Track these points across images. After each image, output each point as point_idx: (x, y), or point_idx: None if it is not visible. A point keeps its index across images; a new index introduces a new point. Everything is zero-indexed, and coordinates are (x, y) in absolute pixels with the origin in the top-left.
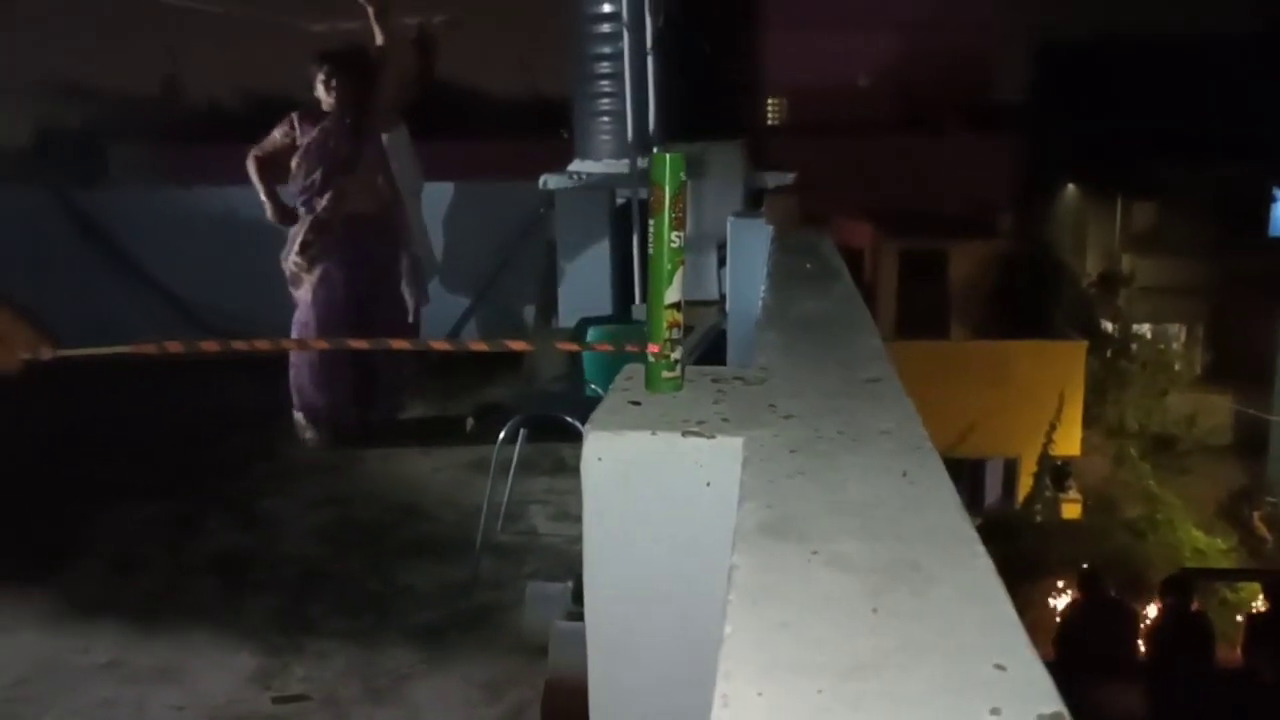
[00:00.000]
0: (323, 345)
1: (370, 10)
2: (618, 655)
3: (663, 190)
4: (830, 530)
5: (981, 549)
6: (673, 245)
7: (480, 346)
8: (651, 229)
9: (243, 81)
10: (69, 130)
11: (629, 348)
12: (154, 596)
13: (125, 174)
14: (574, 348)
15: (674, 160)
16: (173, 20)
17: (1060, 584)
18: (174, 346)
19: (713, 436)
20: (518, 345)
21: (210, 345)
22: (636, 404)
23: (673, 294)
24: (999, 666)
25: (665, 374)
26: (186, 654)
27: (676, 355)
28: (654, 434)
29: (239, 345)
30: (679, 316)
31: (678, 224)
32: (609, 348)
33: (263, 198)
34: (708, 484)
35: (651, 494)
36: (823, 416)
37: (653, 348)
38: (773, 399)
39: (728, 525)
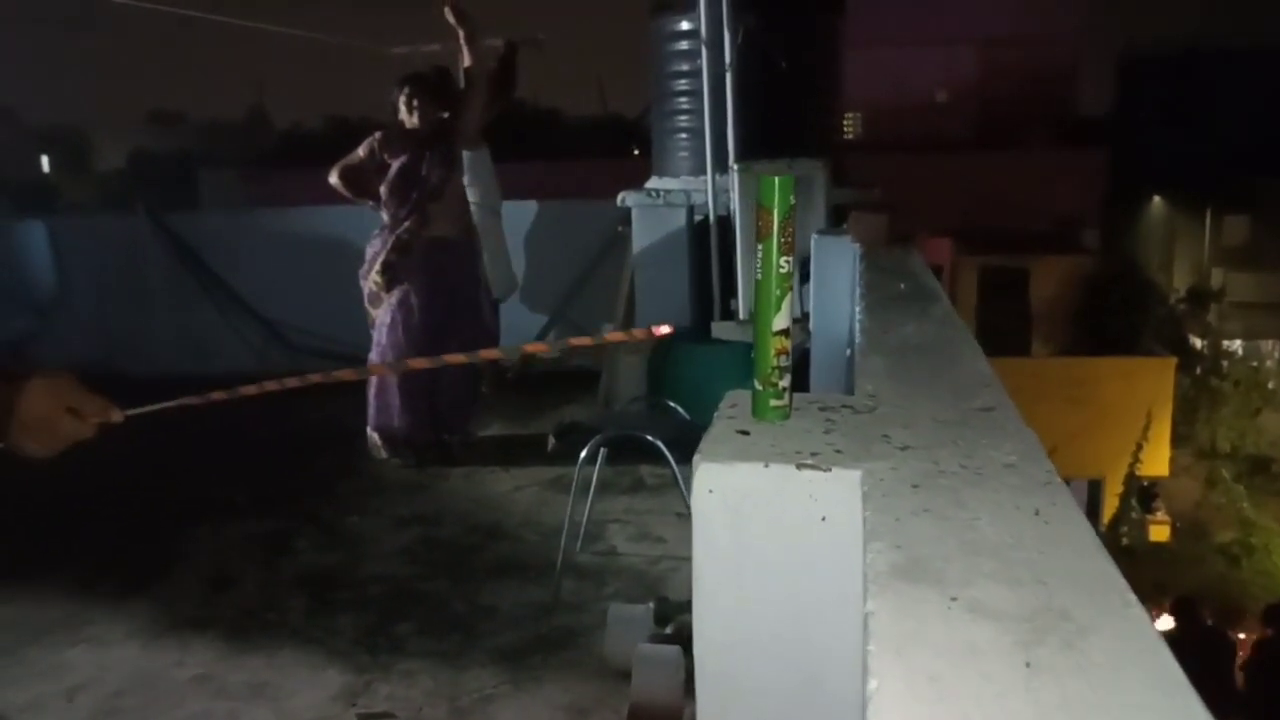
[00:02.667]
0: (382, 371)
1: (461, 34)
2: (727, 691)
3: (771, 214)
4: (967, 574)
5: (1134, 598)
6: (781, 270)
7: (491, 353)
8: (760, 254)
9: (326, 106)
10: (162, 156)
11: (637, 332)
12: (245, 613)
13: (215, 197)
14: (589, 342)
15: (783, 184)
16: (259, 48)
17: (1149, 610)
18: (218, 396)
19: (828, 469)
20: (535, 347)
21: (293, 381)
22: (745, 433)
23: (781, 320)
24: None
25: (773, 402)
26: (276, 671)
27: (785, 383)
28: (767, 466)
29: (315, 378)
30: (787, 344)
31: (786, 249)
32: (621, 336)
33: (363, 203)
34: (823, 518)
35: (764, 527)
36: (940, 448)
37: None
38: (885, 429)
39: (845, 561)
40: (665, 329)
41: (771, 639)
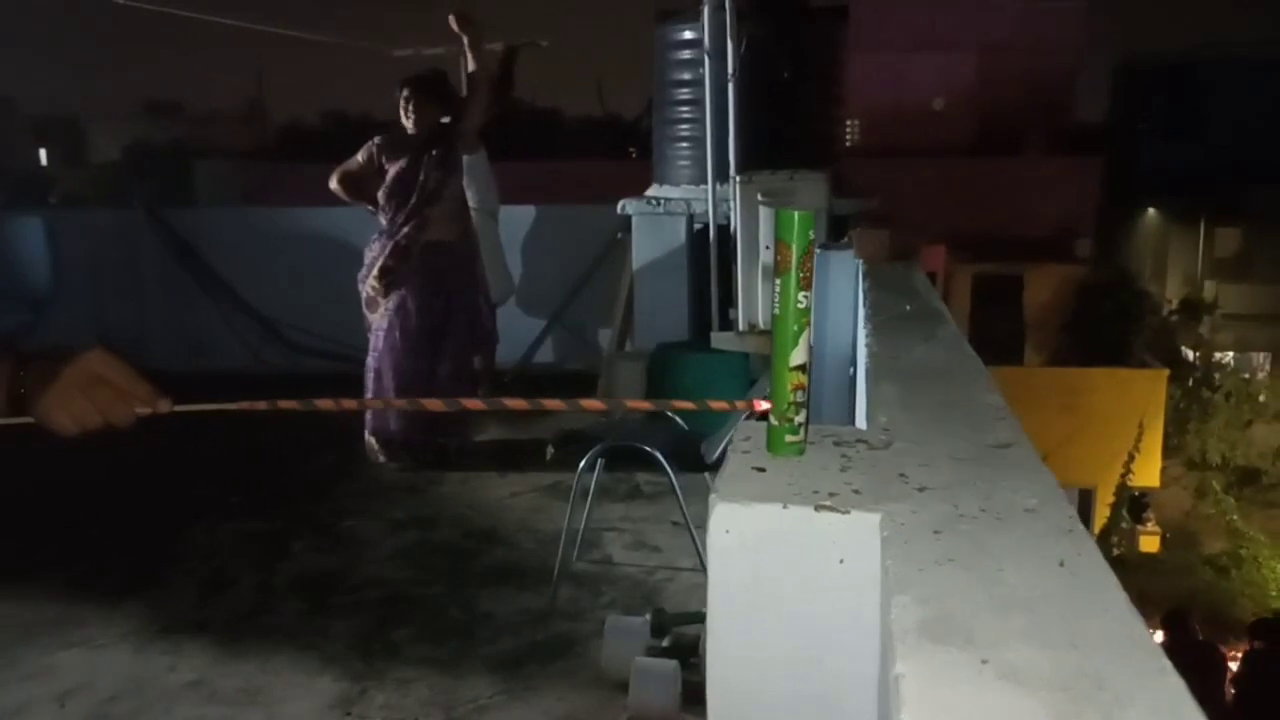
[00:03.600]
0: (400, 404)
1: (465, 40)
2: None
3: (790, 249)
4: (997, 633)
5: (1168, 663)
6: (799, 306)
7: (556, 405)
8: (778, 288)
9: (325, 103)
10: (158, 148)
11: (739, 405)
12: (240, 617)
13: (211, 191)
14: (690, 406)
15: (803, 219)
16: (258, 41)
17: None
18: (288, 404)
19: (847, 512)
20: (592, 404)
21: (325, 403)
22: (761, 470)
23: (798, 355)
24: None
25: (789, 438)
26: (270, 676)
27: (801, 419)
28: (785, 508)
29: (349, 404)
30: (804, 379)
31: (805, 284)
32: (725, 405)
33: (362, 206)
34: (840, 561)
35: (781, 569)
36: (959, 488)
37: (759, 405)
38: (902, 466)
39: (861, 604)
40: (765, 405)
41: (788, 678)
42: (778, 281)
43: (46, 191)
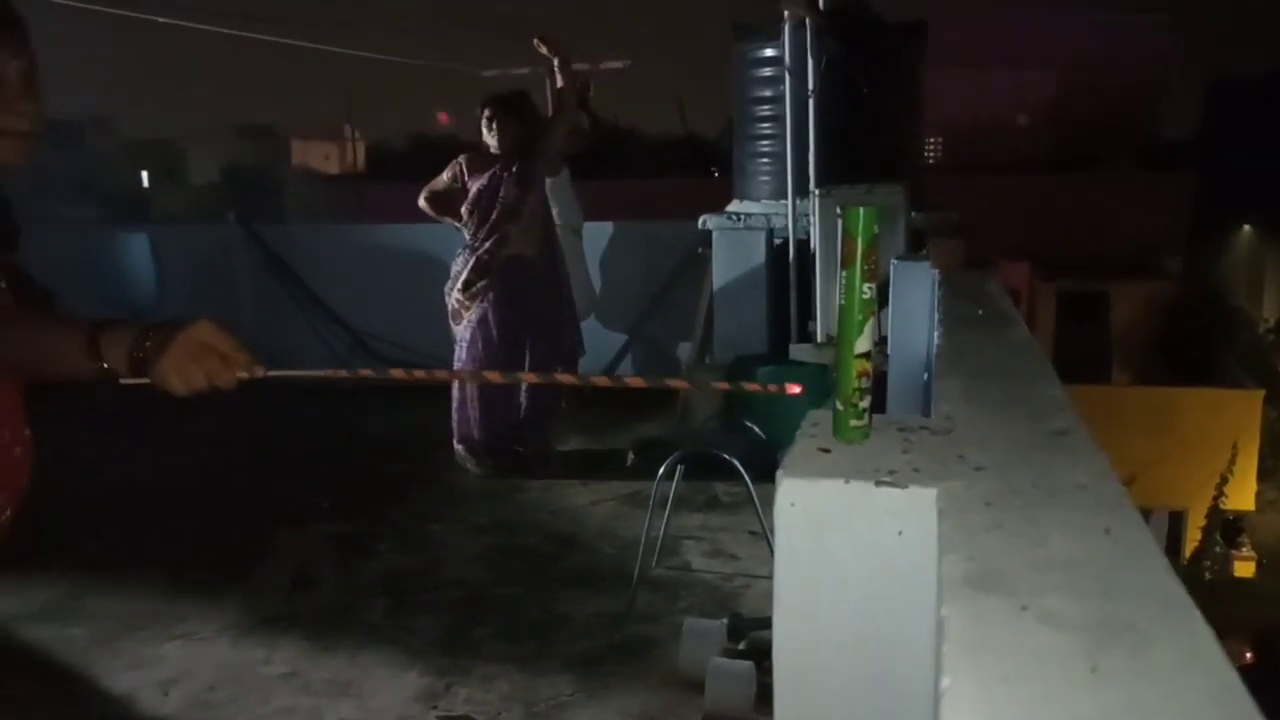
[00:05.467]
0: (496, 378)
1: (555, 61)
2: (805, 697)
3: (855, 242)
4: (1037, 585)
5: (1198, 613)
6: (864, 297)
7: (637, 382)
8: (843, 280)
9: (411, 124)
10: (252, 169)
11: (771, 388)
12: (329, 612)
13: (301, 210)
14: (725, 387)
15: (868, 214)
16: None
17: (1232, 647)
18: (365, 373)
19: (905, 487)
20: (677, 383)
21: (399, 373)
22: (826, 451)
23: (863, 344)
24: None
25: (854, 422)
26: (358, 670)
27: (865, 405)
28: (847, 482)
29: (420, 374)
30: (869, 366)
31: (870, 275)
32: (757, 387)
33: (449, 222)
34: (899, 533)
35: (843, 541)
36: (1014, 468)
37: (792, 389)
38: (961, 449)
39: (920, 575)
40: (797, 389)
41: (848, 644)
42: (843, 274)
43: (149, 209)
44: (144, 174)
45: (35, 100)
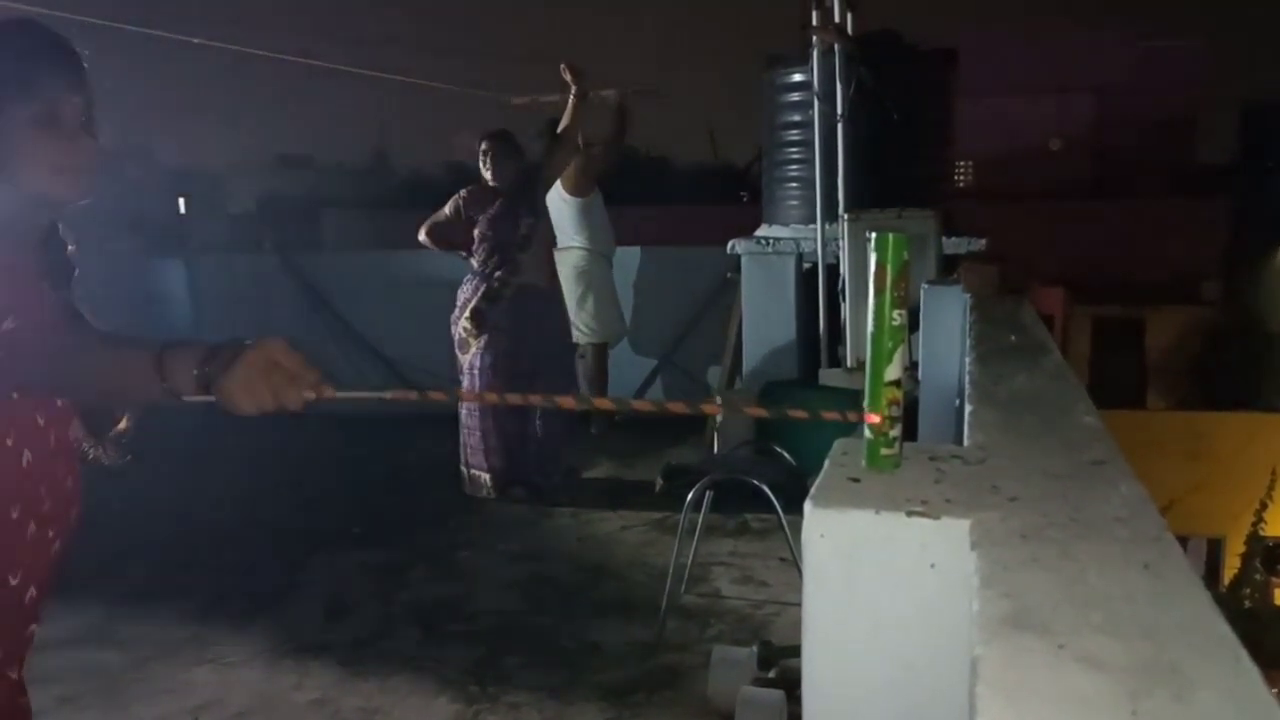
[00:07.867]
0: (538, 401)
1: (573, 90)
2: None
3: (885, 269)
4: (1075, 624)
5: (1244, 653)
6: (894, 323)
7: (679, 408)
8: (874, 307)
9: (445, 152)
10: (288, 198)
11: (825, 415)
12: (361, 641)
13: (338, 238)
14: (761, 412)
15: (897, 240)
16: (382, 95)
17: (1274, 677)
18: (436, 394)
19: (938, 518)
20: (710, 409)
21: (467, 395)
22: (856, 480)
23: (893, 371)
24: None
25: (884, 450)
26: (389, 697)
27: (895, 433)
28: (878, 513)
29: (491, 398)
30: (899, 394)
31: (900, 302)
32: (804, 414)
33: (454, 254)
34: (932, 565)
35: (874, 573)
36: (1049, 500)
37: (870, 417)
38: (995, 480)
39: (952, 608)
40: (876, 419)
41: (879, 678)
42: (873, 300)
43: (186, 238)
44: (180, 201)
45: (92, 135)
